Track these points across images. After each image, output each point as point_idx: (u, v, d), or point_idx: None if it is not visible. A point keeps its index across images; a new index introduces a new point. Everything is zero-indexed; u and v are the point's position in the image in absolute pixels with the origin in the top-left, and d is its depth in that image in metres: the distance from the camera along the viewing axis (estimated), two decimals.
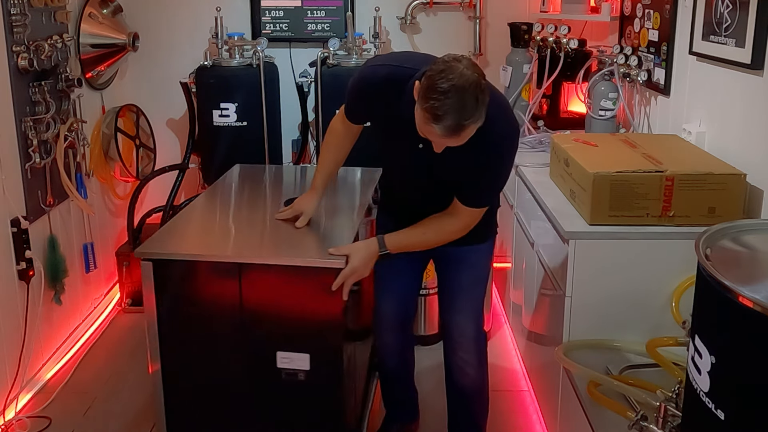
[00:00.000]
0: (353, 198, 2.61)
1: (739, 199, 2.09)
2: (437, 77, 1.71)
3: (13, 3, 2.66)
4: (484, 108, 1.73)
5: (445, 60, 1.75)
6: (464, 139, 1.77)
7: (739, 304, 1.23)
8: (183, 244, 2.23)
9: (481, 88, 1.71)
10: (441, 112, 1.69)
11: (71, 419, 2.68)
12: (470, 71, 1.72)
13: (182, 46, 3.81)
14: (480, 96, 1.71)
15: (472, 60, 1.79)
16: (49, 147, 2.91)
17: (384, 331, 2.39)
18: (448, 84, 1.69)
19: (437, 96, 1.68)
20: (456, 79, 1.69)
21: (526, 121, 3.27)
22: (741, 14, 2.12)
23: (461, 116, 1.69)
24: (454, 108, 1.68)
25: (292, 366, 2.09)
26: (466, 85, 1.69)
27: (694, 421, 1.42)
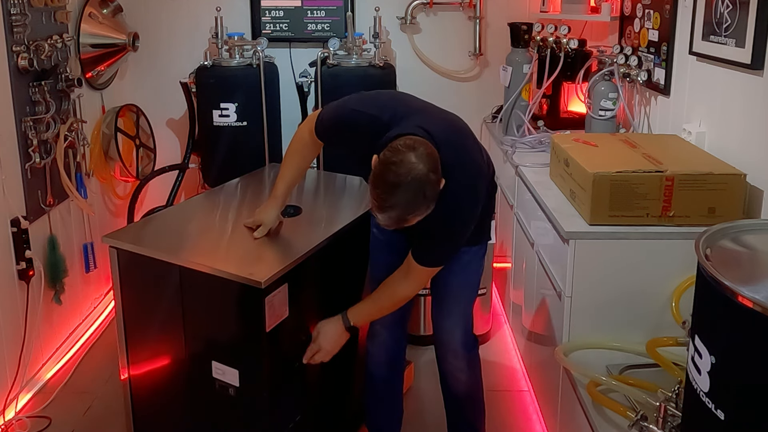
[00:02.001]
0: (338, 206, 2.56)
1: (739, 199, 2.09)
2: (387, 168, 1.72)
3: (13, 3, 2.66)
4: (431, 200, 1.76)
5: (400, 146, 1.74)
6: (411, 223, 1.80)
7: (739, 304, 1.23)
8: (145, 237, 2.22)
9: (430, 183, 1.73)
10: (386, 205, 1.72)
11: (71, 419, 2.68)
12: (421, 163, 1.72)
13: (182, 46, 3.81)
14: (427, 190, 1.73)
15: (429, 147, 1.77)
16: (49, 147, 2.91)
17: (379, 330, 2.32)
18: (395, 179, 1.70)
19: (384, 188, 1.72)
20: (404, 175, 1.70)
21: (526, 121, 3.27)
22: (741, 14, 2.12)
23: (405, 212, 1.73)
24: (398, 204, 1.72)
25: (224, 379, 2.06)
26: (413, 182, 1.70)
27: (694, 421, 1.42)
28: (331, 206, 2.60)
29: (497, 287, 3.60)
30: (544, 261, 2.48)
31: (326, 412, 2.41)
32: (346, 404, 2.53)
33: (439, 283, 2.23)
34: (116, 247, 2.16)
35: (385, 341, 2.33)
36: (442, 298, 2.25)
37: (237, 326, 2.03)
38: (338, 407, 2.49)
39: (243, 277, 1.91)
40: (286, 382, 2.11)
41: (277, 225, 2.23)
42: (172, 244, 2.18)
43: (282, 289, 1.98)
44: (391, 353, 2.36)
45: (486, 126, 3.80)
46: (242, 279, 1.92)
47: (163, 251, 2.09)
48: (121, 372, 2.28)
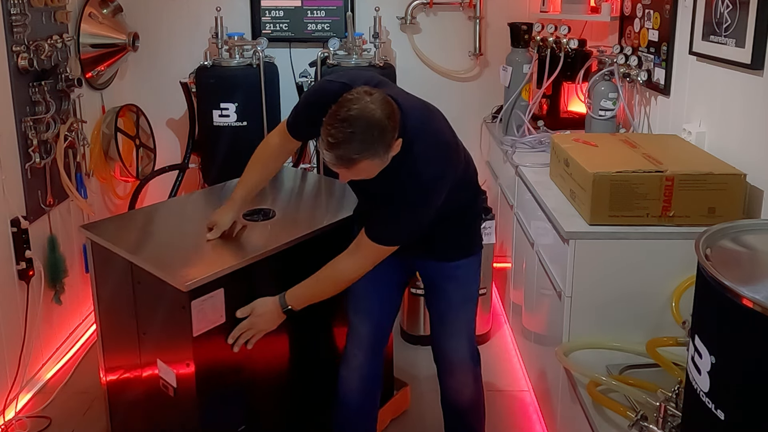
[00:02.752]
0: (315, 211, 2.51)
1: (739, 199, 2.09)
2: (340, 105, 1.67)
3: (13, 3, 2.66)
4: (382, 147, 1.68)
5: (357, 90, 1.71)
6: (361, 174, 1.73)
7: (740, 304, 1.23)
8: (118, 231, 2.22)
9: (382, 127, 1.67)
10: (333, 140, 1.66)
11: (71, 419, 2.68)
12: (376, 106, 1.67)
13: (182, 46, 3.81)
14: (378, 134, 1.66)
15: (387, 98, 1.73)
16: (49, 147, 2.91)
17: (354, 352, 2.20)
18: (347, 114, 1.65)
19: (334, 123, 1.66)
20: (356, 111, 1.65)
21: (526, 121, 3.27)
22: (741, 14, 2.12)
23: (351, 150, 1.66)
24: (345, 140, 1.65)
25: (166, 378, 2.05)
26: (365, 120, 1.65)
27: (694, 421, 1.42)
28: (308, 211, 2.51)
29: (497, 287, 3.60)
30: (544, 261, 2.48)
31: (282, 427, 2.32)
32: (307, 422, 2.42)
33: (437, 303, 2.17)
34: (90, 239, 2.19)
35: (360, 366, 2.19)
36: (444, 317, 2.16)
37: (172, 329, 2.00)
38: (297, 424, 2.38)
39: (172, 280, 1.89)
40: (223, 390, 2.06)
41: (240, 228, 2.16)
42: (138, 239, 2.17)
43: (216, 294, 1.94)
44: (367, 379, 2.22)
45: (486, 126, 3.80)
46: (172, 281, 1.89)
47: (123, 246, 2.07)
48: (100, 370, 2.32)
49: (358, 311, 2.19)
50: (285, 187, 2.79)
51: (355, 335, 2.19)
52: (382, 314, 2.20)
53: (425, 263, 2.14)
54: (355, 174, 1.75)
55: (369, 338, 2.18)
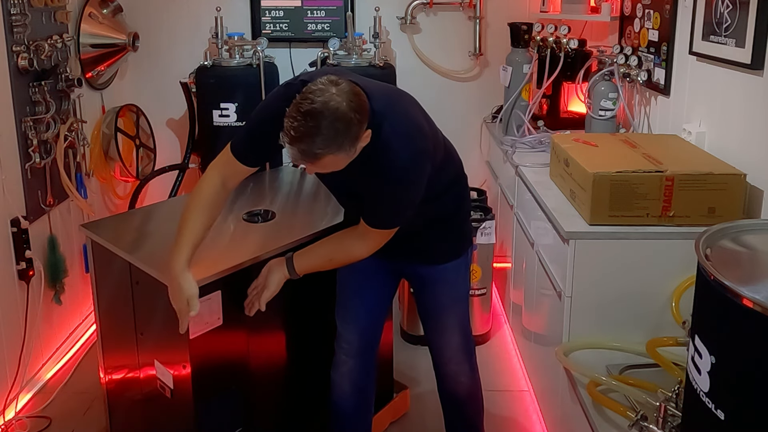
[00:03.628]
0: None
1: (739, 199, 2.09)
2: (303, 97, 1.59)
3: (13, 3, 2.66)
4: (347, 140, 1.61)
5: (323, 81, 1.62)
6: (327, 167, 1.67)
7: (740, 304, 1.23)
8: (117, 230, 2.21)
9: (347, 120, 1.59)
10: (296, 134, 1.58)
11: (71, 419, 2.68)
12: (342, 98, 1.59)
13: (182, 46, 3.81)
14: (343, 128, 1.59)
15: (355, 88, 1.66)
16: (49, 147, 2.91)
17: (343, 359, 2.18)
18: (310, 107, 1.57)
19: (296, 117, 1.57)
20: (320, 104, 1.57)
21: (526, 121, 3.27)
22: (741, 14, 2.12)
23: (315, 144, 1.58)
24: (308, 133, 1.57)
25: (163, 379, 2.05)
26: (328, 113, 1.57)
27: (694, 421, 1.42)
28: (307, 213, 2.47)
29: (497, 287, 3.60)
30: (544, 261, 2.48)
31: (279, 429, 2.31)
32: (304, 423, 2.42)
33: (426, 304, 2.16)
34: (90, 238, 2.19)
35: (350, 371, 2.18)
36: (433, 317, 2.16)
37: (169, 330, 1.98)
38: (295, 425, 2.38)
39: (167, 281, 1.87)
40: (220, 392, 2.05)
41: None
42: (137, 239, 2.16)
43: (213, 296, 1.93)
44: (358, 384, 2.20)
45: (486, 126, 3.80)
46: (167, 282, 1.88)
47: (121, 246, 2.07)
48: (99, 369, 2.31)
49: (345, 318, 2.17)
50: (284, 187, 2.79)
51: (343, 341, 2.18)
52: (369, 321, 2.18)
53: (413, 267, 2.11)
54: (321, 167, 1.68)
55: (356, 344, 2.17)
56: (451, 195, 2.05)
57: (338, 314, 2.18)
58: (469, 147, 3.87)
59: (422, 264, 2.09)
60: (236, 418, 2.13)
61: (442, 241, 2.07)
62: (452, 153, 2.06)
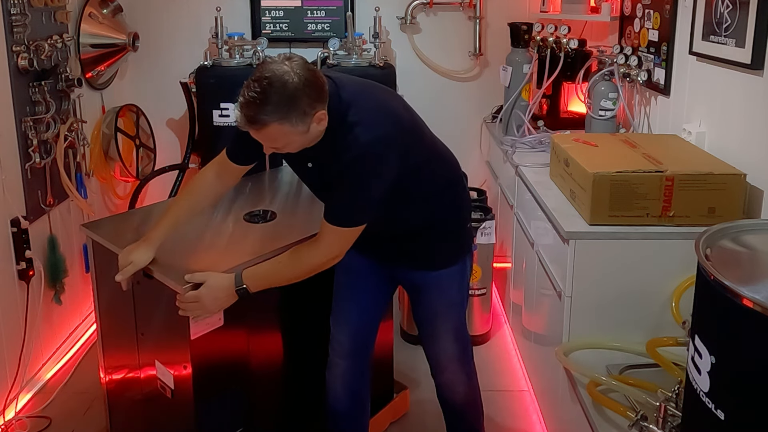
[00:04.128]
0: None
1: (739, 199, 2.09)
2: (259, 66, 1.65)
3: (13, 3, 2.66)
4: (294, 112, 1.61)
5: (278, 56, 1.68)
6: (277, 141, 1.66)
7: (740, 304, 1.23)
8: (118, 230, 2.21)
9: (293, 90, 1.60)
10: (243, 100, 1.62)
11: (71, 419, 2.68)
12: (292, 71, 1.61)
13: (182, 46, 3.81)
14: (289, 98, 1.59)
15: (310, 66, 1.67)
16: (49, 147, 2.91)
17: (335, 361, 2.17)
18: (260, 74, 1.61)
19: (247, 84, 1.62)
20: (270, 72, 1.61)
21: (526, 121, 3.27)
22: (741, 14, 2.12)
23: (260, 110, 1.60)
24: (255, 100, 1.60)
25: (163, 380, 2.04)
26: (277, 82, 1.59)
27: (694, 421, 1.42)
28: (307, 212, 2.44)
29: (497, 287, 3.60)
30: (544, 261, 2.48)
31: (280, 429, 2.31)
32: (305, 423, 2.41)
33: (420, 311, 2.13)
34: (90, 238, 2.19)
35: (343, 373, 2.16)
36: (427, 324, 2.14)
37: (171, 330, 1.98)
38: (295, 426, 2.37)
39: (169, 282, 1.87)
40: (221, 393, 2.05)
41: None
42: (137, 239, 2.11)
43: None
44: (353, 386, 2.19)
45: (486, 126, 3.80)
46: (169, 283, 1.88)
47: (122, 246, 2.04)
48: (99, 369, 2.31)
49: (337, 320, 2.16)
50: (283, 187, 2.79)
51: (336, 343, 2.17)
52: (361, 323, 2.16)
53: (407, 273, 2.08)
54: (269, 140, 1.67)
55: (348, 346, 2.15)
56: (445, 199, 2.01)
57: (332, 315, 2.18)
58: (469, 147, 3.87)
59: (415, 270, 2.06)
60: (237, 418, 2.12)
61: (436, 247, 2.03)
62: (445, 155, 2.03)
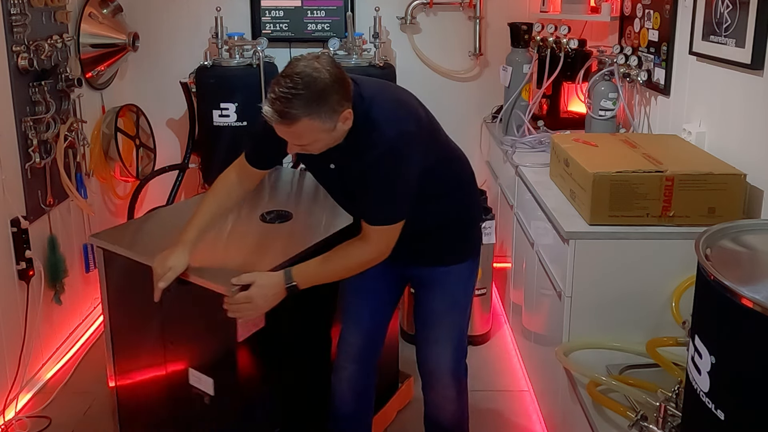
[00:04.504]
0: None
1: (739, 199, 2.09)
2: (288, 64, 1.65)
3: (13, 3, 2.66)
4: (325, 108, 1.63)
5: (307, 54, 1.68)
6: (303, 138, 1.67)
7: (740, 304, 1.23)
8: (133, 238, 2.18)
9: (325, 85, 1.62)
10: (274, 96, 1.61)
11: (71, 419, 2.68)
12: (322, 67, 1.63)
13: (182, 46, 3.81)
14: (321, 92, 1.61)
15: (337, 64, 1.69)
16: (49, 147, 2.91)
17: (343, 364, 2.14)
18: (291, 71, 1.62)
19: (278, 81, 1.62)
20: (301, 68, 1.62)
21: (526, 121, 3.27)
22: (741, 14, 2.12)
23: (291, 105, 1.60)
24: (286, 94, 1.60)
25: (200, 387, 2.01)
26: (309, 77, 1.60)
27: (694, 421, 1.42)
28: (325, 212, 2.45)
29: (497, 287, 3.60)
30: (544, 261, 2.48)
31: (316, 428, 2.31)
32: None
33: (422, 306, 2.10)
34: (102, 247, 2.15)
35: (350, 377, 2.14)
36: (429, 321, 2.08)
37: (211, 335, 1.97)
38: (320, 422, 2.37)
39: (213, 285, 1.86)
40: (263, 394, 2.04)
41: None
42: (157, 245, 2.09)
43: None
44: (359, 389, 2.16)
45: (486, 126, 3.80)
46: (212, 287, 1.86)
47: (144, 253, 2.03)
48: (108, 378, 2.25)
49: (348, 323, 2.14)
50: (284, 186, 2.79)
51: (345, 346, 2.14)
52: (372, 325, 2.14)
53: (417, 269, 2.07)
54: (296, 137, 1.67)
55: (359, 350, 2.13)
56: (457, 197, 2.03)
57: (342, 317, 2.16)
58: (469, 147, 3.85)
59: (425, 266, 2.05)
60: (274, 418, 2.12)
61: (448, 244, 2.03)
62: (458, 154, 2.05)
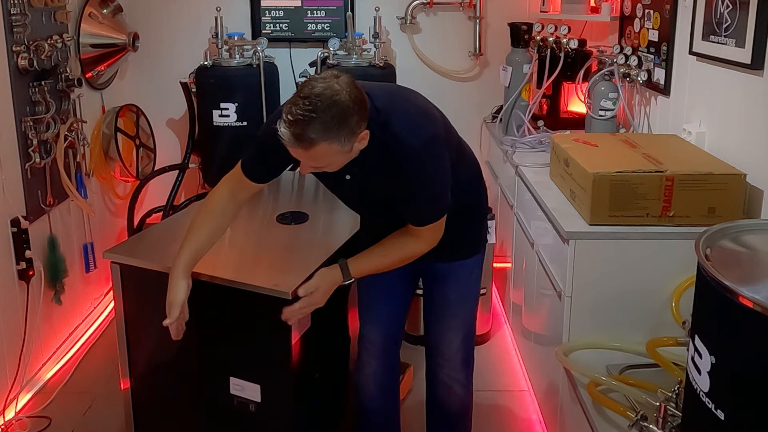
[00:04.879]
0: None
1: (739, 199, 2.09)
2: (304, 83, 1.61)
3: (13, 3, 2.66)
4: (344, 131, 1.59)
5: (326, 72, 1.64)
6: (319, 160, 1.64)
7: (739, 304, 1.23)
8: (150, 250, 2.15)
9: (345, 108, 1.57)
10: (292, 118, 1.56)
11: (71, 419, 2.68)
12: (342, 88, 1.58)
13: (182, 46, 3.81)
14: (341, 116, 1.57)
15: (356, 83, 1.65)
16: (49, 147, 2.91)
17: (367, 360, 2.16)
18: (310, 92, 1.57)
19: (296, 101, 1.57)
20: (320, 89, 1.57)
21: (526, 121, 3.27)
22: (741, 14, 2.12)
23: (310, 128, 1.55)
24: (305, 117, 1.55)
25: (243, 395, 2.00)
26: (326, 99, 1.56)
27: (694, 421, 1.42)
28: (333, 211, 2.49)
29: (497, 287, 3.60)
30: (544, 261, 2.48)
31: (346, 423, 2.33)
32: None
33: (434, 298, 2.14)
34: (119, 263, 2.10)
35: (374, 373, 2.16)
36: (441, 311, 2.13)
37: (260, 339, 1.96)
38: None
39: (268, 288, 1.85)
40: (308, 395, 2.06)
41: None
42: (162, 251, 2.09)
43: None
44: (385, 385, 2.19)
45: (486, 126, 3.80)
46: (267, 290, 1.85)
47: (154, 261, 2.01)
48: (122, 383, 2.24)
49: (368, 321, 2.16)
50: (286, 186, 2.80)
51: (367, 344, 2.16)
52: (391, 321, 2.17)
53: (432, 265, 2.08)
54: (312, 159, 1.63)
55: (380, 344, 2.15)
56: (468, 192, 2.05)
57: (361, 316, 2.17)
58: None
59: (439, 261, 2.06)
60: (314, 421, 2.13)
61: (459, 239, 2.04)
62: (468, 151, 2.07)
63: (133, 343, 2.18)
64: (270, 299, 1.86)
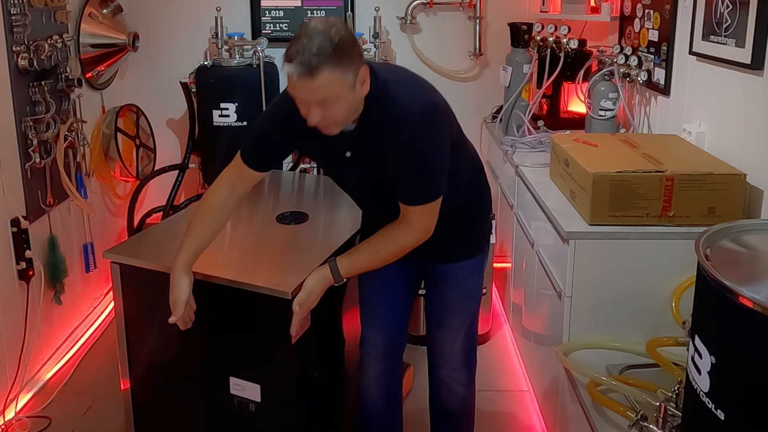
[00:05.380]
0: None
1: (739, 199, 2.09)
2: (301, 26, 1.63)
3: (13, 3, 2.66)
4: (345, 59, 1.60)
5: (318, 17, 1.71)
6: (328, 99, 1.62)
7: (739, 304, 1.23)
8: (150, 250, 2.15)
9: (343, 40, 1.59)
10: (294, 50, 1.58)
11: (71, 419, 2.68)
12: (338, 23, 1.62)
13: (182, 46, 3.81)
14: (339, 42, 1.58)
15: (348, 27, 1.68)
16: (49, 147, 2.91)
17: (369, 363, 2.15)
18: (307, 27, 1.60)
19: (294, 39, 1.60)
20: (316, 24, 1.60)
21: (526, 121, 3.27)
22: (741, 14, 2.12)
23: (314, 55, 1.56)
24: (306, 46, 1.56)
25: (243, 395, 2.01)
26: (324, 30, 1.58)
27: (694, 421, 1.42)
28: (333, 211, 2.49)
29: (497, 287, 3.60)
30: (544, 261, 2.48)
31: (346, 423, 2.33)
32: None
33: (436, 299, 2.12)
34: (119, 262, 2.10)
35: (377, 377, 2.15)
36: (442, 312, 2.11)
37: (260, 339, 1.96)
38: None
39: (269, 288, 1.86)
40: (308, 395, 2.06)
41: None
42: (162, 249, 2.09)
43: None
44: (387, 388, 2.18)
45: (486, 126, 3.80)
46: (268, 290, 1.86)
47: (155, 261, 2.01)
48: (122, 383, 2.24)
49: (370, 323, 2.14)
50: (287, 186, 2.80)
51: (369, 347, 2.15)
52: (393, 324, 2.15)
53: (433, 267, 2.08)
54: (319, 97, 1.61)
55: (381, 348, 2.14)
56: (470, 185, 2.04)
57: (362, 319, 2.16)
58: None
59: (439, 263, 2.05)
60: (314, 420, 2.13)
61: (461, 237, 2.03)
62: (468, 141, 2.05)
63: (133, 343, 2.18)
64: (270, 299, 1.87)
